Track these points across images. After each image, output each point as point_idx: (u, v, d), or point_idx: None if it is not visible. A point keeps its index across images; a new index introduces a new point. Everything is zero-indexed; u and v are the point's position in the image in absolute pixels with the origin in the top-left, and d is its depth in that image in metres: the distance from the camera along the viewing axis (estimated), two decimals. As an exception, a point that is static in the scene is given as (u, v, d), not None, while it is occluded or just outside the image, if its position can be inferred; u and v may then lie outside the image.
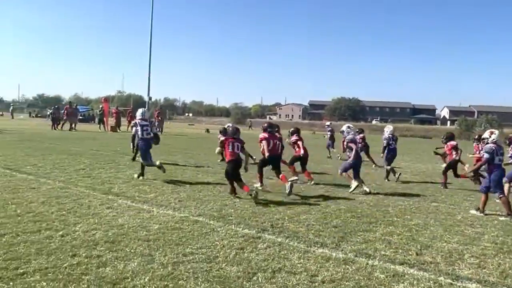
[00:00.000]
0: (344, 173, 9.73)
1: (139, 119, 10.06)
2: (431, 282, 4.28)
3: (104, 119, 30.29)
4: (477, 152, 11.24)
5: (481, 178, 9.82)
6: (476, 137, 12.09)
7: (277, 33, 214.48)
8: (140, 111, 10.48)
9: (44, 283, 3.72)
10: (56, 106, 32.49)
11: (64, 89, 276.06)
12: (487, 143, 7.95)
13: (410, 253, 5.21)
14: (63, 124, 28.58)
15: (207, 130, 38.43)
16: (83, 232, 5.26)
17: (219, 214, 6.58)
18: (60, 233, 5.16)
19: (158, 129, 22.51)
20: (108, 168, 10.88)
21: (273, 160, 9.38)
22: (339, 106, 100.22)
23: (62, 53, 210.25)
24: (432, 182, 11.92)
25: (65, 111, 29.33)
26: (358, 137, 12.96)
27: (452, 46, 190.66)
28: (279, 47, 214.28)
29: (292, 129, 11.68)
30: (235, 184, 8.05)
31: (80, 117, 41.74)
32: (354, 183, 9.40)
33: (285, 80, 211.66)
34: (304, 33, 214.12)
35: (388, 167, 11.97)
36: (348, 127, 10.51)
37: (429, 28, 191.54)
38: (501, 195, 7.71)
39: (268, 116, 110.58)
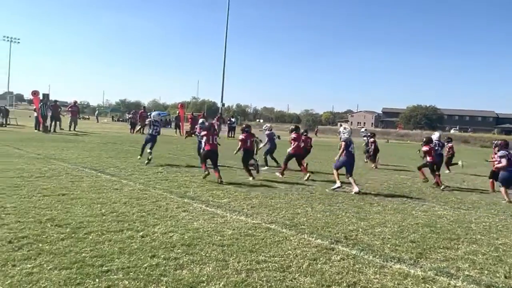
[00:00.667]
0: (335, 171, 10.35)
1: (153, 119, 13.30)
2: (523, 309, 3.94)
3: (180, 124, 31.54)
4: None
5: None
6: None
7: (350, 39, 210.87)
8: (155, 113, 14.18)
9: (126, 282, 3.91)
10: (133, 111, 34.35)
11: (143, 94, 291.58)
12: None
13: (498, 275, 4.83)
14: (140, 128, 30.05)
15: (278, 137, 38.56)
16: (162, 233, 5.48)
17: (292, 223, 6.55)
18: (141, 233, 5.42)
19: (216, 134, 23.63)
20: (184, 172, 11.28)
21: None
22: (414, 114, 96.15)
23: (142, 60, 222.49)
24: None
25: (139, 116, 30.86)
26: (371, 140, 14.59)
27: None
28: (352, 53, 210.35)
29: (292, 126, 12.90)
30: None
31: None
32: (338, 183, 10.06)
33: (357, 87, 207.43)
34: (379, 38, 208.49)
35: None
36: (345, 128, 10.85)
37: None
38: None
39: (339, 123, 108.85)
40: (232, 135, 32.56)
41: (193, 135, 18.25)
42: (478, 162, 22.07)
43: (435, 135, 13.73)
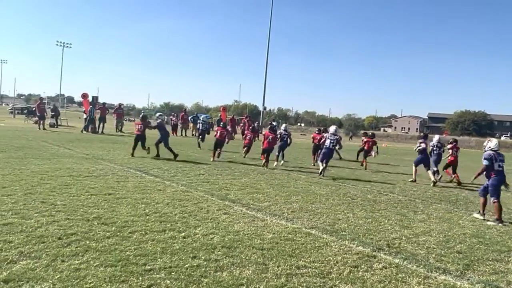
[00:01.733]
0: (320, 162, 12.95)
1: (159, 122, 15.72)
2: None
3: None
4: None
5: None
6: None
7: (395, 42, 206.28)
8: (157, 114, 17.76)
9: (168, 282, 3.99)
10: (174, 114, 35.04)
11: (187, 97, 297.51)
12: (485, 151, 8.60)
13: (552, 291, 4.58)
14: (181, 131, 30.62)
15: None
16: (203, 235, 5.55)
17: (332, 228, 6.47)
18: (182, 234, 5.51)
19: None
20: (225, 174, 11.39)
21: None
22: (462, 119, 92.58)
23: (186, 64, 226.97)
24: None
25: (181, 118, 31.48)
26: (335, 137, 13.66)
27: None
28: (396, 56, 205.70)
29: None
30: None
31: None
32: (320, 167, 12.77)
33: (402, 92, 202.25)
34: (425, 41, 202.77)
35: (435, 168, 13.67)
36: (335, 130, 13.52)
37: None
38: (495, 201, 8.09)
39: (382, 129, 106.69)
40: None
41: (233, 138, 19.51)
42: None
43: (435, 138, 14.62)
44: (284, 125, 17.96)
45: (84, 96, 27.48)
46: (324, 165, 12.80)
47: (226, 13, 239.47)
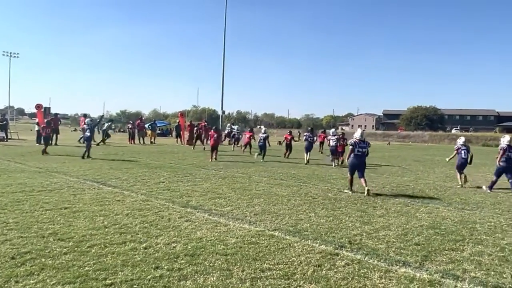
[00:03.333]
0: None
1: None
2: (531, 309, 3.90)
3: (181, 133, 31.54)
4: None
5: None
6: None
7: (349, 42, 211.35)
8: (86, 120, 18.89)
9: (130, 294, 3.88)
10: (131, 122, 34.38)
11: (144, 104, 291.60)
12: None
13: (504, 276, 4.79)
14: (139, 138, 30.04)
15: (279, 143, 38.40)
16: (165, 244, 5.45)
17: (295, 229, 6.52)
18: (144, 245, 5.39)
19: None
20: (186, 181, 11.26)
21: None
22: (415, 115, 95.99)
23: (142, 71, 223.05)
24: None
25: (138, 126, 30.90)
26: (335, 137, 18.16)
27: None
28: (351, 56, 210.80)
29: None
30: None
31: (159, 132, 43.88)
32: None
33: (358, 90, 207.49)
34: (377, 41, 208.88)
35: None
36: (311, 130, 19.50)
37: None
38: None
39: (340, 127, 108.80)
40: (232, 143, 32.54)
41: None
42: (481, 162, 22.04)
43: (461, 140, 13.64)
44: (263, 128, 20.54)
45: (39, 107, 26.43)
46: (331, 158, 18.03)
47: (181, 17, 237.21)
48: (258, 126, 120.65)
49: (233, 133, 29.57)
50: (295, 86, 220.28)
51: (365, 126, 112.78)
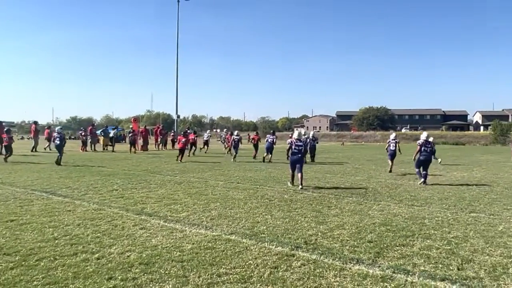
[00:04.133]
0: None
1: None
2: (476, 299, 4.10)
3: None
4: None
5: None
6: None
7: (303, 45, 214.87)
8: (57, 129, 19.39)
9: (82, 308, 3.75)
10: (83, 128, 33.34)
11: (96, 110, 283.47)
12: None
13: (451, 268, 5.02)
14: (91, 145, 29.18)
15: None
16: (118, 254, 5.31)
17: (252, 232, 6.54)
18: (96, 255, 5.22)
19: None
20: (140, 188, 11.03)
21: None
22: (367, 115, 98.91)
23: (92, 75, 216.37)
24: (476, 184, 11.44)
25: (90, 132, 30.04)
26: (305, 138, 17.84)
27: (482, 48, 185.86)
28: (304, 58, 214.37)
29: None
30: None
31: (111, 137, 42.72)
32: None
33: (312, 93, 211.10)
34: (330, 44, 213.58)
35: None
36: (273, 132, 21.58)
37: (454, 32, 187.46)
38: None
39: (295, 129, 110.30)
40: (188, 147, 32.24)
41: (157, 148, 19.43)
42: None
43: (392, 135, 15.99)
44: (236, 131, 23.31)
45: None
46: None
47: (133, 20, 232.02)
48: (214, 130, 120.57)
49: (206, 138, 29.40)
50: (250, 89, 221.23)
51: (320, 127, 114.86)
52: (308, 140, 19.76)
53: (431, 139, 13.51)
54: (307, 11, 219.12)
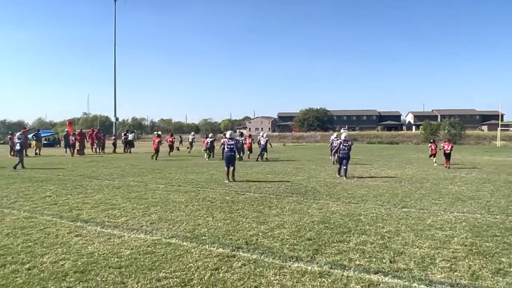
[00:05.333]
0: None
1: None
2: (406, 289, 4.34)
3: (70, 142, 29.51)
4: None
5: None
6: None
7: (245, 46, 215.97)
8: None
9: (11, 322, 3.55)
10: (10, 132, 31.44)
11: (27, 113, 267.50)
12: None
13: (384, 261, 5.27)
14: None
15: (177, 148, 37.94)
16: (51, 263, 5.07)
17: (192, 235, 6.49)
18: (27, 266, 4.96)
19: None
20: (76, 193, 10.58)
21: None
22: (307, 117, 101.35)
23: (23, 75, 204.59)
24: (407, 181, 12.07)
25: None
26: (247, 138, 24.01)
27: (412, 50, 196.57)
28: (247, 60, 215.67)
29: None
30: None
31: (45, 142, 40.68)
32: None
33: (254, 94, 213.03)
34: (272, 46, 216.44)
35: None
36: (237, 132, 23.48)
37: (389, 35, 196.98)
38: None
39: (238, 130, 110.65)
40: (129, 151, 31.39)
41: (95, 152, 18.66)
42: (374, 159, 23.95)
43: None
44: (211, 134, 26.19)
45: None
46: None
47: (67, 19, 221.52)
48: (155, 132, 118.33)
49: (129, 139, 28.70)
50: (192, 91, 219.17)
51: (262, 128, 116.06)
52: (261, 140, 23.85)
53: (346, 138, 15.14)
54: (251, 11, 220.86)
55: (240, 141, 23.36)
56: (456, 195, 10.66)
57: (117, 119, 47.07)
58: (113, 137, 34.47)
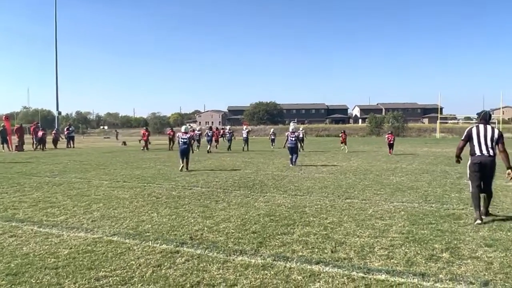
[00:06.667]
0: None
1: None
2: (345, 278, 4.46)
3: (8, 138, 28.00)
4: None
5: None
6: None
7: (192, 40, 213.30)
8: None
9: None
10: None
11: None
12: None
13: (326, 251, 5.39)
14: None
15: (124, 143, 37.01)
16: (-19, 266, 4.79)
17: (136, 232, 6.34)
18: (-47, 270, 4.65)
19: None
20: (12, 192, 10.05)
21: None
22: (257, 110, 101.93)
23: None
24: (352, 173, 12.42)
25: None
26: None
27: (359, 46, 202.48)
28: (196, 53, 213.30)
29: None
30: None
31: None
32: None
33: (204, 87, 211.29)
34: (220, 38, 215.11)
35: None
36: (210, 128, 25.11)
37: (337, 30, 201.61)
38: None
39: (188, 124, 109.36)
40: (72, 145, 30.22)
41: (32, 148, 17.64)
42: (321, 151, 24.44)
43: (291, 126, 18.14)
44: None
45: None
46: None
47: (4, 10, 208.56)
48: (101, 127, 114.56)
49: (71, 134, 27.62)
50: (140, 84, 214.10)
51: (212, 122, 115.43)
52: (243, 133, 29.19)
53: (294, 130, 17.51)
54: (198, 3, 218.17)
55: (209, 134, 27.12)
56: (396, 185, 11.13)
57: (59, 113, 45.17)
58: (54, 132, 32.93)
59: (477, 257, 5.11)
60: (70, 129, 31.69)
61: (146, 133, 28.44)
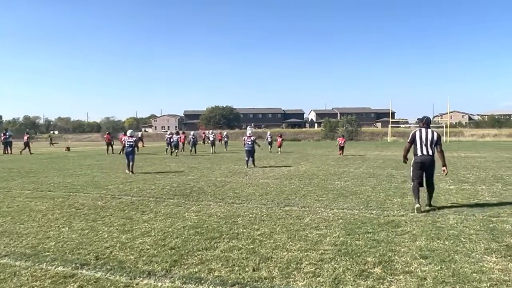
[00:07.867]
0: None
1: None
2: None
3: None
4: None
5: None
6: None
7: (149, 44, 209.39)
8: None
9: None
10: None
11: None
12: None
13: (247, 269, 4.76)
14: None
15: (68, 148, 35.11)
16: None
17: (33, 251, 5.48)
18: None
19: None
20: None
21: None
22: (213, 114, 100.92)
23: None
24: (298, 177, 11.90)
25: None
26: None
27: (315, 52, 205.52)
28: (154, 57, 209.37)
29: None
30: None
31: None
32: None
33: (161, 92, 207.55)
34: (176, 43, 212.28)
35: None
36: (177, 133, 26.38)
37: (294, 35, 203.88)
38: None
39: (143, 129, 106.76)
40: (9, 151, 28.29)
41: None
42: (273, 155, 23.98)
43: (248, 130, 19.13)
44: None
45: None
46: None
47: None
48: (51, 132, 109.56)
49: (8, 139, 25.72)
50: (94, 88, 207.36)
51: (168, 127, 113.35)
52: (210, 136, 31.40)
53: (251, 134, 18.32)
54: (153, 9, 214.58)
55: (175, 138, 27.02)
56: (340, 190, 10.71)
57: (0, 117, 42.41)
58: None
59: (410, 271, 4.64)
60: (7, 134, 29.62)
61: (110, 137, 29.89)
